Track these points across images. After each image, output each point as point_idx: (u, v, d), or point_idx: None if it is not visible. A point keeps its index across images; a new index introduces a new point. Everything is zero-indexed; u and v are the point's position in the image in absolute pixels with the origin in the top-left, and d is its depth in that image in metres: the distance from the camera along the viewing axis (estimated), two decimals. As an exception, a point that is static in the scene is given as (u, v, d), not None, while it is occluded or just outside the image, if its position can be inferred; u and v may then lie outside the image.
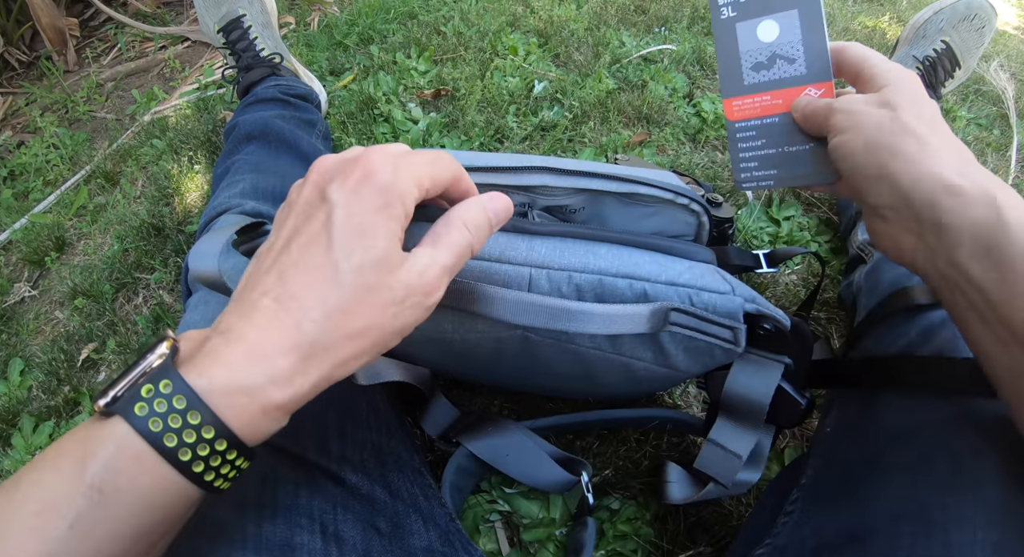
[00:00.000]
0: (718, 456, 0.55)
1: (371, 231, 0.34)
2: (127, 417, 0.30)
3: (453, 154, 0.53)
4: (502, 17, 1.49)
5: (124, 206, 1.21)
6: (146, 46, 1.75)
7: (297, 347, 0.33)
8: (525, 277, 0.47)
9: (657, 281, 0.48)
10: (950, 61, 1.09)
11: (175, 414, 0.30)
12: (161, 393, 0.31)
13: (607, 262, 0.48)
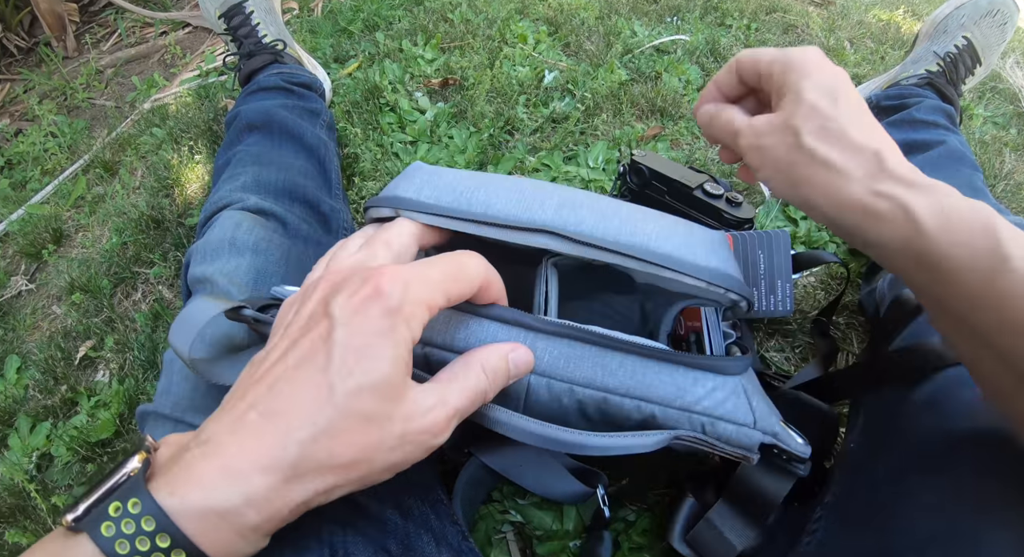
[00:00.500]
0: (713, 538, 0.53)
1: (373, 356, 0.32)
2: (93, 537, 0.29)
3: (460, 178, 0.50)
4: (511, 4, 1.46)
5: (123, 197, 1.18)
6: (146, 32, 1.72)
7: (278, 468, 0.31)
8: (523, 384, 0.44)
9: (670, 406, 0.44)
10: (971, 58, 1.07)
11: (143, 537, 0.29)
12: (129, 512, 0.29)
13: (617, 380, 0.44)
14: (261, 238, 0.68)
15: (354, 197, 1.03)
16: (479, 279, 0.39)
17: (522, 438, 0.43)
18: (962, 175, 0.86)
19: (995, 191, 1.09)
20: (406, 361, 0.34)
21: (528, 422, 0.43)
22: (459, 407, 0.36)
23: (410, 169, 0.54)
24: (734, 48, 1.38)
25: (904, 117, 1.00)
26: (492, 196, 0.50)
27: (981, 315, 0.36)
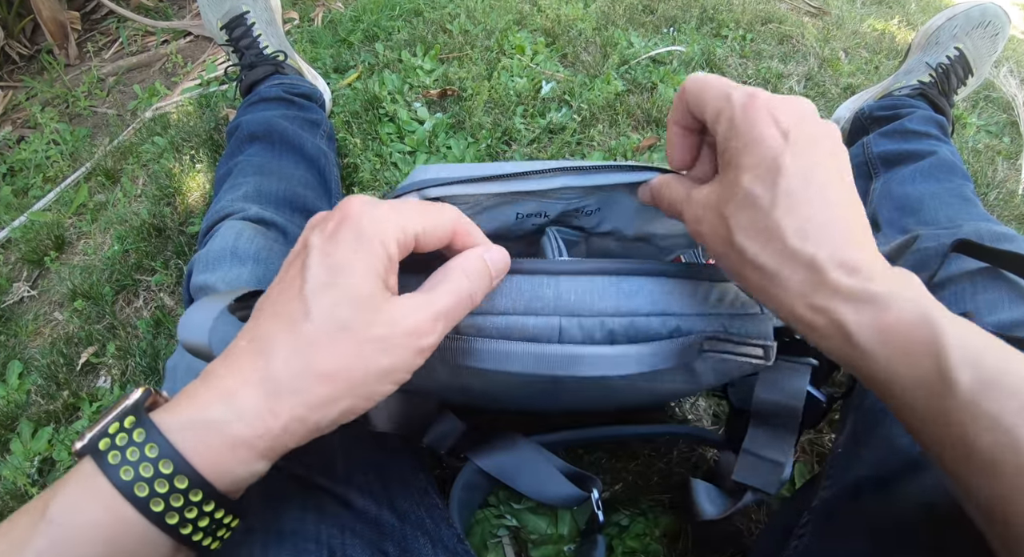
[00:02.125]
0: (757, 465, 0.53)
1: (346, 270, 0.33)
2: (92, 454, 0.30)
3: (468, 166, 0.52)
4: (509, 15, 1.47)
5: (125, 205, 1.19)
6: (148, 40, 1.73)
7: (262, 383, 0.32)
8: (555, 327, 0.45)
9: (690, 314, 0.46)
10: (963, 68, 1.08)
11: (133, 447, 0.30)
12: (124, 428, 0.30)
13: (638, 302, 0.45)
14: (262, 247, 0.70)
15: (353, 206, 1.04)
16: (451, 222, 0.39)
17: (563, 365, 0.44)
18: (953, 185, 0.88)
19: (988, 199, 1.11)
20: (381, 276, 0.34)
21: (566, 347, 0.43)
22: (444, 307, 0.36)
23: (415, 170, 0.55)
24: (729, 59, 1.40)
25: (896, 128, 1.01)
26: (501, 165, 0.52)
27: (929, 434, 0.34)
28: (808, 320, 0.36)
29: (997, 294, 0.62)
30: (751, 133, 0.37)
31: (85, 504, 0.29)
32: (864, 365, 0.35)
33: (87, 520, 0.29)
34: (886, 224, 0.87)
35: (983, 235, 0.70)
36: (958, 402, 0.32)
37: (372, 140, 1.17)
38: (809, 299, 0.36)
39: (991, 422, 0.31)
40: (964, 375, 0.32)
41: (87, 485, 0.30)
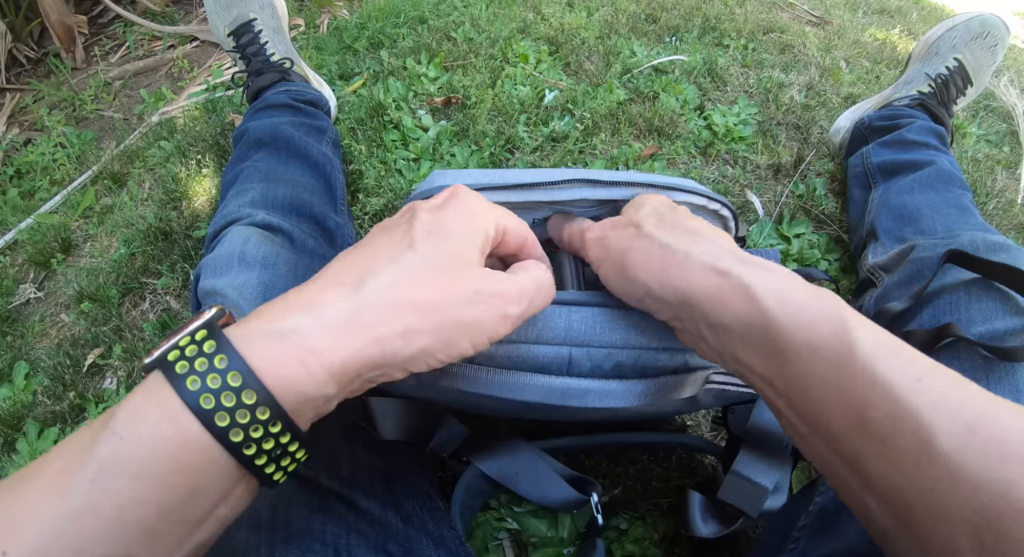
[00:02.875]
0: (744, 488, 0.55)
1: (452, 230, 0.35)
2: (161, 366, 0.29)
3: (486, 173, 0.54)
4: (513, 23, 1.49)
5: (131, 208, 1.20)
6: (155, 45, 1.75)
7: (350, 297, 0.31)
8: (565, 357, 0.46)
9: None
10: (962, 79, 1.09)
11: (203, 358, 0.29)
12: (195, 340, 0.30)
13: (647, 336, 0.46)
14: (269, 253, 0.71)
15: (358, 213, 1.05)
16: (528, 232, 0.42)
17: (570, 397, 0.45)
18: (951, 194, 0.88)
19: (987, 209, 1.11)
20: (479, 247, 0.36)
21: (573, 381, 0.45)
22: (528, 290, 0.37)
23: (432, 175, 0.57)
24: (731, 68, 1.41)
25: (896, 138, 1.02)
26: (521, 172, 0.54)
27: (824, 404, 0.33)
28: (713, 287, 0.37)
29: (991, 304, 0.63)
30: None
31: (150, 416, 0.28)
32: (765, 330, 0.35)
33: (151, 432, 0.28)
34: (884, 234, 0.88)
35: (979, 245, 0.70)
36: (857, 368, 0.32)
37: (377, 147, 1.19)
38: (714, 264, 0.38)
39: (886, 390, 0.31)
40: (866, 341, 0.32)
41: (153, 397, 0.29)
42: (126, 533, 0.27)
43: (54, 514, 0.26)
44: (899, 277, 0.78)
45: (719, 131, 1.22)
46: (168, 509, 0.28)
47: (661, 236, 0.41)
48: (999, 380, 0.56)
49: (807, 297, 0.35)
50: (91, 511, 0.26)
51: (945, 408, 0.30)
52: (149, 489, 0.27)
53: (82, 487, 0.27)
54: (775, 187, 1.14)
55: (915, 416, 0.30)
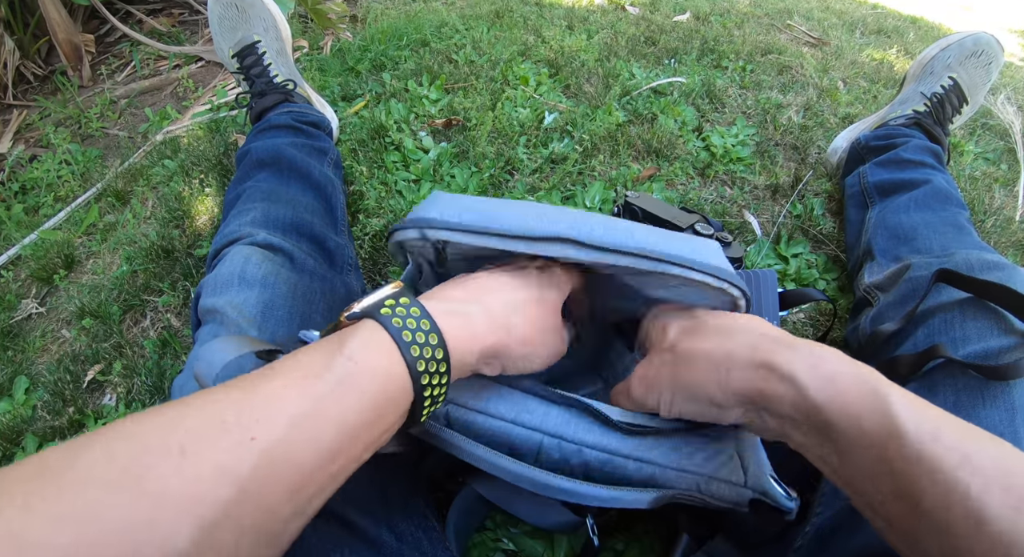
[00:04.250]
0: None
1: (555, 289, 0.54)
2: (375, 316, 0.40)
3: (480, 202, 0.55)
4: (513, 46, 1.51)
5: (134, 226, 1.21)
6: (160, 64, 1.77)
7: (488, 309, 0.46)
8: (536, 443, 0.48)
9: (667, 467, 0.49)
10: (958, 97, 1.10)
11: (411, 319, 0.40)
12: (400, 304, 0.41)
13: (619, 444, 0.49)
14: (269, 272, 0.71)
15: (358, 234, 1.06)
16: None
17: (533, 486, 0.48)
18: (947, 213, 0.89)
19: (985, 226, 1.12)
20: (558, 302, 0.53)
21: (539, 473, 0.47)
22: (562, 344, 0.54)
23: (431, 196, 0.58)
24: (729, 90, 1.43)
25: (891, 157, 1.03)
26: (512, 214, 0.53)
27: (875, 486, 0.36)
28: (762, 382, 0.41)
29: (985, 322, 0.63)
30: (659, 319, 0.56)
31: (374, 349, 0.38)
32: (813, 417, 0.38)
33: (375, 362, 0.37)
34: (880, 253, 0.89)
35: (973, 264, 0.71)
36: (904, 451, 0.34)
37: (378, 168, 1.20)
38: (755, 357, 0.42)
39: (933, 475, 0.33)
40: (911, 425, 0.35)
41: (374, 336, 0.39)
42: (341, 434, 0.35)
43: (297, 410, 0.33)
44: (894, 297, 0.79)
45: (717, 152, 1.23)
46: (366, 424, 0.37)
47: (699, 346, 0.47)
48: (995, 398, 0.56)
49: (849, 380, 0.38)
50: (324, 413, 0.34)
51: (994, 487, 0.32)
52: (363, 403, 0.36)
53: (321, 393, 0.35)
54: (773, 207, 1.15)
55: (964, 498, 0.32)
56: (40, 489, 0.26)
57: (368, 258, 1.04)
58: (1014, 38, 2.53)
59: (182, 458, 0.29)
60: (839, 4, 2.22)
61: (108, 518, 0.27)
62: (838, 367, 0.39)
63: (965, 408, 0.57)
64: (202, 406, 0.32)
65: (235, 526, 0.30)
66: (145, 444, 0.30)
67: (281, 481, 0.32)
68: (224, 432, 0.31)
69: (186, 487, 0.29)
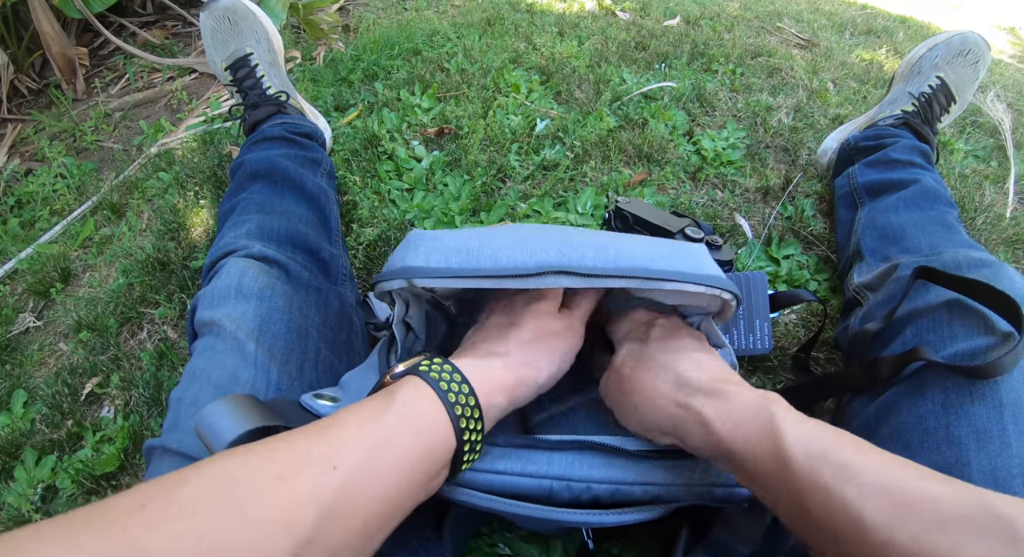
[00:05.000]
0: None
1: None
2: (417, 373, 0.46)
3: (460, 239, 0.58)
4: (505, 54, 1.52)
5: (130, 239, 1.22)
6: (154, 77, 1.78)
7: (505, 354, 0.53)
8: (545, 489, 0.51)
9: (673, 484, 0.52)
10: (945, 96, 1.11)
11: (445, 374, 0.46)
12: (434, 363, 0.47)
13: (624, 473, 0.52)
14: (265, 285, 0.72)
15: (352, 243, 1.07)
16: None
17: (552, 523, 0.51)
18: (936, 212, 0.89)
19: (975, 224, 1.12)
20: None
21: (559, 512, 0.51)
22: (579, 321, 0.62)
23: (410, 239, 0.58)
24: (720, 93, 1.44)
25: (880, 157, 1.03)
26: (497, 249, 0.55)
27: (776, 503, 0.43)
28: (679, 419, 0.49)
29: (973, 320, 0.64)
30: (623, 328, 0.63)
31: (421, 398, 0.44)
32: (721, 449, 0.45)
33: (423, 408, 0.44)
34: (869, 253, 0.89)
35: (961, 262, 0.72)
36: (793, 470, 0.40)
37: (371, 178, 1.21)
38: (675, 397, 0.50)
39: (817, 485, 0.39)
40: (797, 451, 0.40)
41: (419, 388, 0.45)
42: (403, 467, 0.41)
43: (367, 446, 0.39)
44: (883, 296, 0.79)
45: (708, 156, 1.24)
46: (423, 458, 0.42)
47: (638, 377, 0.55)
48: (982, 396, 0.57)
49: (750, 417, 0.45)
50: (388, 448, 0.40)
51: (871, 493, 0.36)
52: (417, 442, 0.42)
53: (383, 432, 0.41)
54: (764, 209, 1.16)
55: (843, 506, 0.37)
56: (162, 509, 0.31)
57: (362, 267, 1.04)
58: (1003, 35, 2.55)
59: (280, 484, 0.34)
60: (828, 5, 2.23)
61: (219, 539, 0.30)
62: (744, 405, 0.46)
63: (954, 406, 0.58)
64: (288, 442, 0.38)
65: (324, 547, 0.35)
66: (245, 473, 0.35)
67: (358, 506, 0.37)
68: (311, 463, 0.36)
69: (284, 510, 0.33)
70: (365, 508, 0.37)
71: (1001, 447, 0.53)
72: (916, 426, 0.59)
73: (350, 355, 0.78)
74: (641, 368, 0.55)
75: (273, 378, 0.64)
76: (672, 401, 0.50)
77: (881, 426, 0.63)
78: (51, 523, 0.29)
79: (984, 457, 0.53)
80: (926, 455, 0.57)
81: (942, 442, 0.56)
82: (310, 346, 0.71)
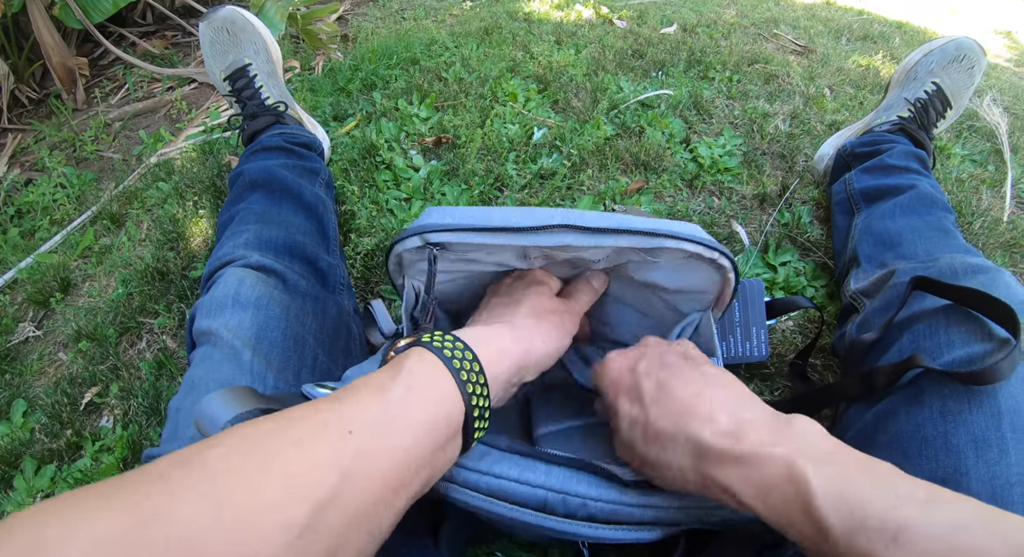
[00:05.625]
0: None
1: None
2: (421, 344, 0.47)
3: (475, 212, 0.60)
4: (502, 63, 1.52)
5: (129, 249, 1.22)
6: (154, 86, 1.79)
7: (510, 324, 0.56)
8: (542, 499, 0.51)
9: (670, 507, 0.52)
10: (941, 102, 1.11)
11: (448, 342, 0.47)
12: (436, 335, 0.48)
13: (622, 495, 0.52)
14: (263, 294, 0.72)
15: (350, 253, 1.07)
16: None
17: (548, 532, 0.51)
18: (933, 217, 0.89)
19: (973, 228, 1.12)
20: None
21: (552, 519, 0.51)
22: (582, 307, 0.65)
23: (425, 212, 0.62)
24: (716, 100, 1.44)
25: (877, 163, 1.03)
26: (506, 214, 0.58)
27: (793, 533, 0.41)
28: (704, 487, 0.46)
29: (970, 326, 0.64)
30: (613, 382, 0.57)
31: (427, 365, 0.45)
32: (761, 517, 0.43)
33: (429, 375, 0.44)
34: (865, 259, 0.89)
35: (957, 268, 0.72)
36: (834, 546, 0.38)
37: (369, 187, 1.21)
38: (700, 472, 0.46)
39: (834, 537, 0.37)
40: (834, 520, 0.38)
41: (424, 357, 0.45)
42: (414, 434, 0.41)
43: (378, 414, 0.40)
44: (879, 303, 0.79)
45: (705, 163, 1.25)
46: (429, 426, 0.42)
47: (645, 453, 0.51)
48: (980, 404, 0.57)
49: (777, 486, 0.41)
50: (399, 415, 0.41)
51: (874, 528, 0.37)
52: (427, 409, 0.42)
53: (395, 398, 0.41)
54: (760, 216, 1.16)
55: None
56: (181, 478, 0.32)
57: (360, 277, 1.05)
58: (999, 39, 2.56)
59: (298, 450, 0.35)
60: (825, 12, 2.24)
61: (241, 500, 0.31)
62: (770, 471, 0.42)
63: (952, 414, 0.58)
64: (304, 413, 0.39)
65: (341, 510, 0.35)
66: (263, 441, 0.36)
67: (374, 470, 0.37)
68: (328, 430, 0.37)
69: (304, 472, 0.34)
70: (381, 472, 0.38)
71: (999, 455, 0.53)
72: (914, 434, 0.59)
73: (348, 361, 0.79)
74: (648, 444, 0.51)
75: (270, 385, 0.65)
76: (692, 476, 0.47)
77: (879, 434, 0.63)
78: (70, 494, 0.30)
79: (983, 466, 0.53)
80: (924, 463, 0.57)
81: (940, 451, 0.56)
82: (307, 353, 0.72)
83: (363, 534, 0.37)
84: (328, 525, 0.34)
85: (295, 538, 0.32)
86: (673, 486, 0.49)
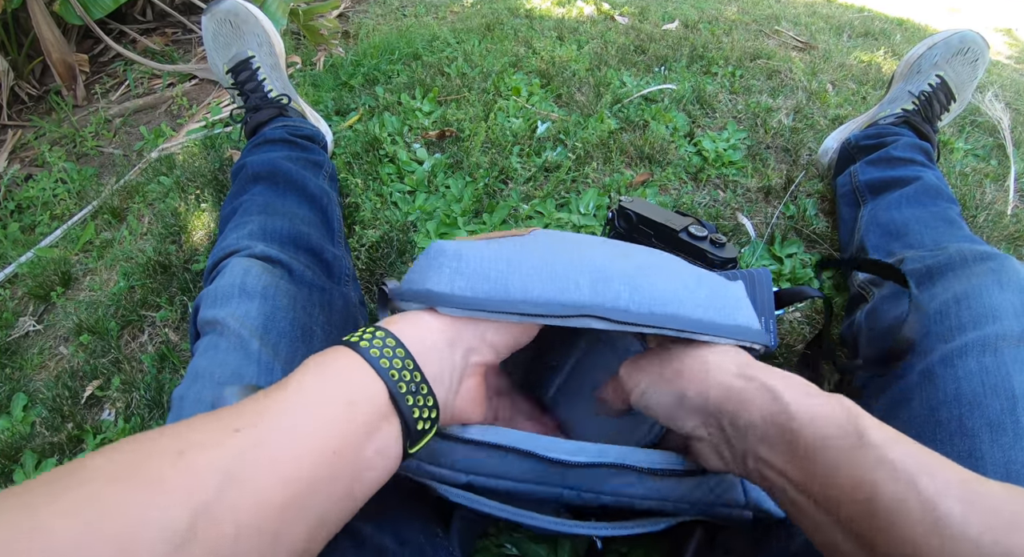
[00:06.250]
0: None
1: None
2: (346, 344, 0.43)
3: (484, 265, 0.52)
4: (505, 58, 1.52)
5: (130, 242, 1.22)
6: (154, 83, 1.78)
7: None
8: (557, 495, 0.53)
9: (679, 501, 0.53)
10: (945, 95, 1.11)
11: (377, 339, 0.43)
12: (367, 332, 0.44)
13: (635, 490, 0.53)
14: (269, 284, 0.72)
15: (355, 245, 1.07)
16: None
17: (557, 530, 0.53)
18: (938, 208, 0.90)
19: (976, 221, 1.12)
20: None
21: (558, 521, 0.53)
22: None
23: (431, 253, 0.52)
24: (719, 95, 1.44)
25: (882, 155, 1.04)
26: (526, 279, 0.49)
27: (837, 491, 0.38)
28: (740, 389, 0.44)
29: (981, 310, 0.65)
30: None
31: (328, 353, 0.42)
32: (786, 422, 0.41)
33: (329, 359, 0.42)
34: (873, 250, 0.89)
35: (967, 255, 0.73)
36: (867, 453, 0.37)
37: (373, 180, 1.21)
38: (740, 370, 0.45)
39: (893, 472, 0.35)
40: (874, 430, 0.38)
41: (329, 351, 0.43)
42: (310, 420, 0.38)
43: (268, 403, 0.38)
44: (888, 290, 0.79)
45: (709, 156, 1.24)
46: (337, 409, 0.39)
47: (692, 350, 0.49)
48: (995, 389, 0.57)
49: (823, 398, 0.41)
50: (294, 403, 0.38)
51: (953, 492, 0.34)
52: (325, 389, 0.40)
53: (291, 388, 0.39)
54: (766, 209, 1.16)
55: (919, 495, 0.34)
56: (53, 491, 0.30)
57: (365, 269, 1.04)
58: (1000, 37, 2.56)
59: (177, 458, 0.33)
60: (826, 9, 2.24)
61: (109, 504, 0.30)
62: (812, 388, 0.42)
63: (966, 398, 0.58)
64: (198, 420, 0.36)
65: (232, 516, 0.32)
66: (144, 448, 0.34)
67: (269, 470, 0.35)
68: (213, 433, 0.35)
69: (181, 477, 0.32)
70: (279, 472, 0.35)
71: (1015, 440, 0.53)
72: (928, 418, 0.59)
73: None
74: (695, 345, 0.49)
75: (277, 376, 0.64)
76: (733, 370, 0.45)
77: (892, 420, 0.62)
78: None
79: (997, 450, 0.53)
80: (938, 447, 0.56)
81: (955, 434, 0.56)
82: (315, 344, 0.71)
83: (265, 548, 0.34)
84: (216, 534, 0.32)
85: (177, 547, 0.30)
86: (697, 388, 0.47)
